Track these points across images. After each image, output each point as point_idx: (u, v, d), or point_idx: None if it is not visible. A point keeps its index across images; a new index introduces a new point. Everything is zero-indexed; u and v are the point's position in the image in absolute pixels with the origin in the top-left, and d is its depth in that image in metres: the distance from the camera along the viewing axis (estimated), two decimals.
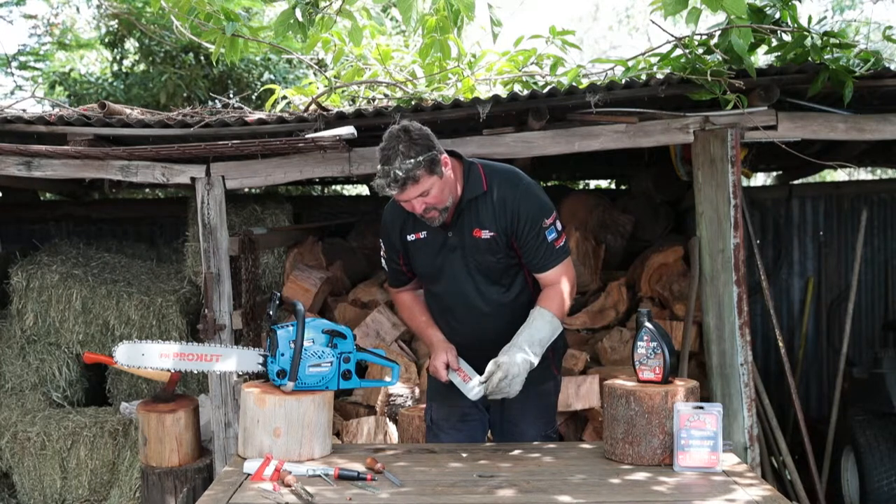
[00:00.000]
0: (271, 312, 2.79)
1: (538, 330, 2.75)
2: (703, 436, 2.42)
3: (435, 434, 3.05)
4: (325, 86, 4.30)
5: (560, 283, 2.83)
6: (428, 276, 2.92)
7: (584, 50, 8.59)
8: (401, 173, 2.55)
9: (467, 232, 2.80)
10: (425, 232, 2.84)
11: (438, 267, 2.86)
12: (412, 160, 2.55)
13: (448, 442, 2.97)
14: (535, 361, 2.71)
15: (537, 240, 2.78)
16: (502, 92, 4.01)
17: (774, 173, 7.38)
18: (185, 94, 7.74)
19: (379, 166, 2.61)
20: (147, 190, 7.16)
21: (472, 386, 2.74)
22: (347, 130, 3.50)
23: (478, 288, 2.84)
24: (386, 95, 4.34)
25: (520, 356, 2.67)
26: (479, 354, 2.80)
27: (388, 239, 2.96)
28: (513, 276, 2.87)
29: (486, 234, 2.78)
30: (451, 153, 2.81)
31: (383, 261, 3.05)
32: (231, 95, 7.75)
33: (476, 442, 3.00)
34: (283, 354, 2.66)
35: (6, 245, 5.78)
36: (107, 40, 8.55)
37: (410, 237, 2.87)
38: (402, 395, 4.27)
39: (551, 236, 2.80)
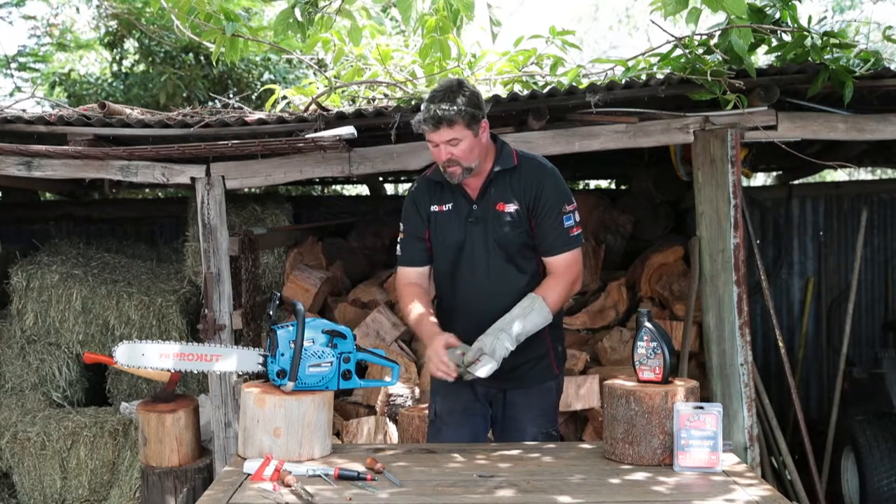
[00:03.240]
0: (271, 312, 2.79)
1: (531, 322, 2.77)
2: (703, 436, 2.42)
3: (438, 428, 3.05)
4: (325, 86, 4.30)
5: (565, 274, 2.85)
6: (447, 249, 2.92)
7: (584, 50, 8.59)
8: (439, 113, 2.66)
9: (492, 205, 2.86)
10: (451, 204, 2.90)
11: (460, 240, 2.89)
12: (455, 107, 2.66)
13: (451, 436, 2.97)
14: (512, 349, 2.74)
15: (555, 221, 2.83)
16: (502, 92, 4.01)
17: (774, 173, 7.38)
18: (184, 95, 7.74)
19: (423, 104, 2.73)
20: (147, 190, 7.16)
21: (481, 365, 2.69)
22: (347, 130, 3.51)
23: (497, 263, 2.86)
24: (386, 95, 4.34)
25: (504, 347, 2.70)
26: (477, 336, 2.78)
27: (415, 211, 2.95)
28: (528, 259, 2.90)
29: (509, 208, 2.84)
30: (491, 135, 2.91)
31: (399, 246, 3.01)
32: (231, 95, 7.75)
33: (478, 436, 3.01)
34: (283, 354, 2.66)
35: (6, 245, 5.78)
36: (106, 41, 8.55)
37: (434, 208, 2.92)
38: (402, 395, 4.27)
39: (568, 222, 2.85)
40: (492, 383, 2.87)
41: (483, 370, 2.69)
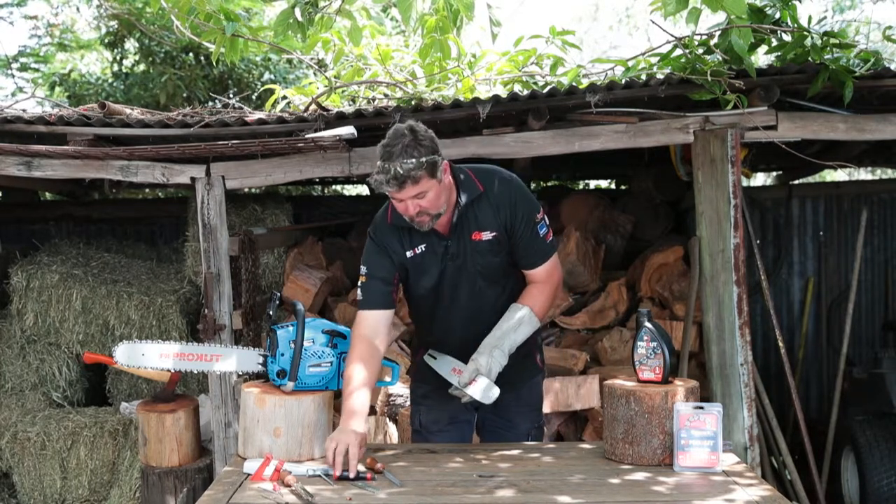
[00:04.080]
0: (271, 312, 2.79)
1: (521, 334, 2.73)
2: (703, 436, 2.42)
3: (424, 437, 3.02)
4: (325, 86, 4.30)
5: (548, 281, 2.82)
6: (428, 289, 2.83)
7: (584, 50, 8.60)
8: (401, 171, 2.49)
9: (466, 237, 2.76)
10: (423, 246, 2.77)
11: (440, 278, 2.79)
12: (414, 160, 2.49)
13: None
14: (505, 363, 2.69)
15: (532, 234, 2.77)
16: (502, 92, 4.01)
17: (774, 173, 7.38)
18: (185, 95, 7.74)
19: (379, 162, 2.54)
20: (147, 190, 7.16)
21: (481, 387, 2.62)
22: (347, 130, 3.51)
23: (481, 292, 2.80)
24: (386, 95, 4.34)
25: (498, 364, 2.66)
26: (465, 356, 2.74)
27: (384, 257, 2.79)
28: (510, 275, 2.86)
29: (487, 236, 2.75)
30: None
31: (360, 290, 2.78)
32: (231, 95, 7.75)
33: (466, 442, 2.99)
34: (283, 354, 2.66)
35: (6, 245, 5.78)
36: (107, 41, 8.55)
37: (409, 254, 2.78)
38: (402, 395, 4.27)
39: (542, 231, 2.79)
40: None
41: (478, 390, 2.60)
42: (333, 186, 8.30)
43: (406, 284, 2.87)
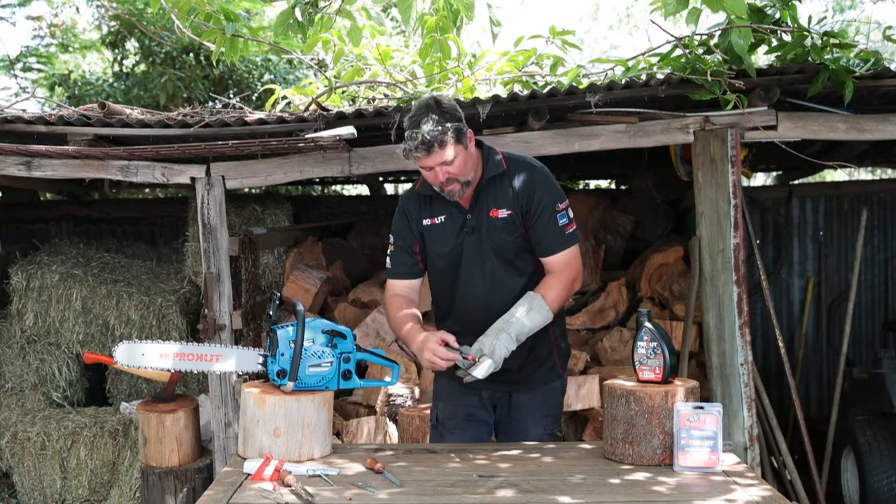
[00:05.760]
0: (271, 312, 2.79)
1: (531, 321, 2.75)
2: (703, 436, 2.42)
3: (440, 433, 3.04)
4: (325, 86, 4.30)
5: (564, 272, 2.84)
6: (443, 260, 2.90)
7: (584, 50, 8.60)
8: (428, 137, 2.63)
9: (485, 212, 2.84)
10: (443, 216, 2.88)
11: (455, 250, 2.87)
12: (441, 126, 2.64)
13: (452, 442, 2.96)
14: (513, 349, 2.72)
15: (549, 221, 2.82)
16: (502, 92, 4.01)
17: (774, 173, 7.38)
18: (184, 95, 7.75)
19: (407, 131, 2.68)
20: (147, 190, 7.17)
21: (484, 367, 2.66)
22: (347, 130, 3.51)
23: (493, 269, 2.85)
24: (386, 95, 4.34)
25: (504, 347, 2.68)
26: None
27: (406, 225, 2.94)
28: (526, 261, 2.88)
29: (503, 213, 2.83)
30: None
31: (389, 259, 2.98)
32: (231, 96, 7.76)
33: (480, 442, 2.99)
34: (283, 354, 2.66)
35: (6, 245, 5.79)
36: (108, 41, 8.56)
37: (426, 222, 2.90)
38: (402, 395, 4.27)
39: (562, 221, 2.84)
40: (497, 386, 2.86)
41: (480, 370, 2.65)
42: (333, 186, 8.31)
43: (425, 257, 2.95)
